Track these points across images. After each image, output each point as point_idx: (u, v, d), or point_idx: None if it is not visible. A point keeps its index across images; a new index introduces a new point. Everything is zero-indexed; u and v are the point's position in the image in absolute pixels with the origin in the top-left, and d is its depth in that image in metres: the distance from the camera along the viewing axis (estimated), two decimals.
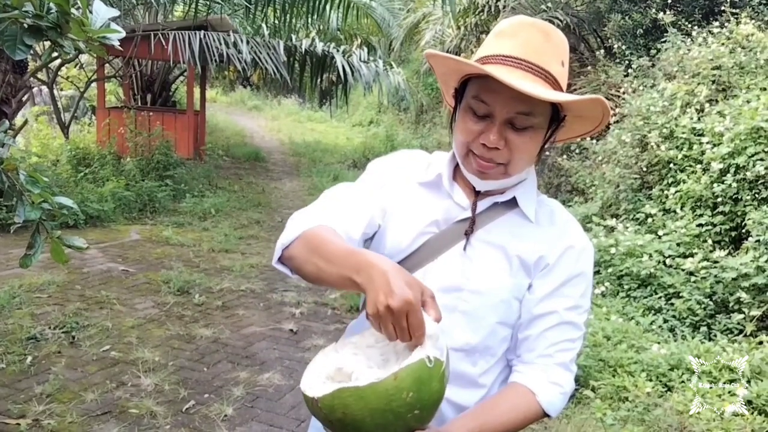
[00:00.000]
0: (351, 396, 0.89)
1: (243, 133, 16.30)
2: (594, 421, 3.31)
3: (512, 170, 1.16)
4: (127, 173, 8.43)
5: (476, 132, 1.14)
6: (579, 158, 7.46)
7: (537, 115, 1.12)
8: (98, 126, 10.10)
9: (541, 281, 1.20)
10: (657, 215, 5.73)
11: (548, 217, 1.25)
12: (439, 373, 0.93)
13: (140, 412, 3.19)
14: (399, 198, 1.27)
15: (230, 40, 8.69)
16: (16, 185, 1.86)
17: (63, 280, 5.05)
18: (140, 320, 4.42)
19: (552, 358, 1.19)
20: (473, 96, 1.14)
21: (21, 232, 6.21)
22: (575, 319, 1.21)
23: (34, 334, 3.94)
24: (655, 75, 6.89)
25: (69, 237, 1.96)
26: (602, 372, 3.78)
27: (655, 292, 4.93)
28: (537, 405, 1.17)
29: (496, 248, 1.21)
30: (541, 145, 1.17)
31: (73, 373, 3.54)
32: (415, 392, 0.90)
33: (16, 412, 3.08)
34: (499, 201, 1.23)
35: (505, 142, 1.12)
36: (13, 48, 1.33)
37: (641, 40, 8.01)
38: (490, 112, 1.12)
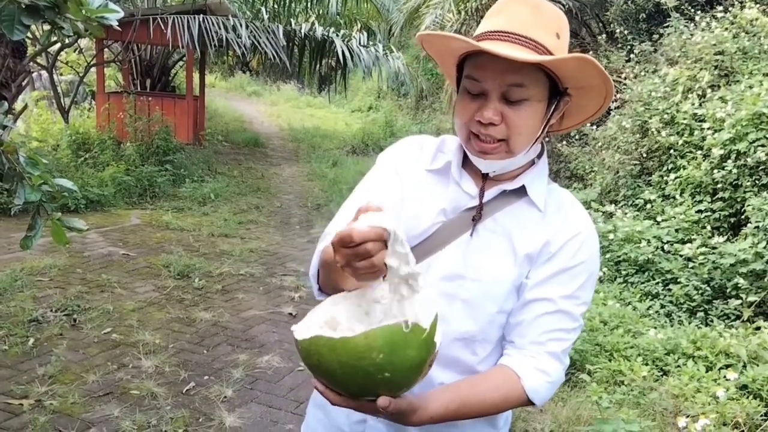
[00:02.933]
0: (324, 346, 0.90)
1: (242, 119, 16.25)
2: (590, 404, 3.33)
3: (514, 147, 1.13)
4: (127, 158, 8.44)
5: (472, 111, 1.12)
6: (578, 144, 7.45)
7: (530, 86, 1.09)
8: (98, 111, 10.08)
9: (541, 267, 1.18)
10: (656, 201, 5.74)
11: (557, 205, 1.22)
12: (418, 340, 0.92)
13: (141, 393, 3.23)
14: (410, 186, 1.25)
15: (229, 24, 8.66)
16: (16, 167, 1.87)
17: (64, 264, 5.07)
18: (141, 303, 4.45)
19: (543, 346, 1.16)
20: (466, 75, 1.13)
21: (22, 216, 6.31)
22: (571, 309, 1.17)
23: (36, 317, 3.98)
24: (657, 60, 6.86)
25: (69, 219, 1.97)
26: (598, 356, 3.80)
27: (652, 277, 4.95)
28: (521, 390, 1.15)
29: (502, 237, 1.19)
30: (543, 121, 1.13)
31: (74, 355, 3.58)
32: (386, 354, 0.89)
33: (19, 392, 3.12)
34: (508, 189, 1.20)
35: (501, 118, 1.10)
36: (10, 28, 1.32)
37: (644, 25, 7.96)
38: (483, 90, 1.10)
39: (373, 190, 1.26)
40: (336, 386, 0.95)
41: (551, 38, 1.11)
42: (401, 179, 1.26)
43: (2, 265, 4.90)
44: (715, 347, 3.82)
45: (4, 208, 6.38)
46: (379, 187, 1.26)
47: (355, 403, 0.97)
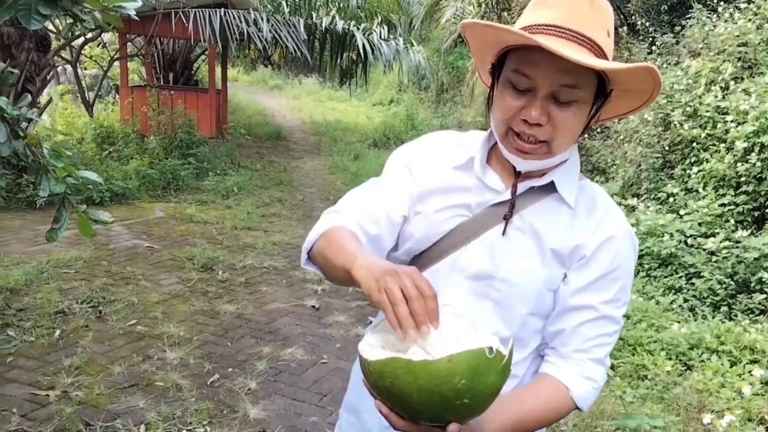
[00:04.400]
0: (402, 368, 0.86)
1: (264, 113, 16.33)
2: (613, 398, 3.33)
3: (555, 149, 1.08)
4: (150, 151, 8.53)
5: (516, 108, 1.06)
6: (600, 137, 7.39)
7: (582, 87, 1.03)
8: (122, 105, 10.21)
9: (578, 273, 1.14)
10: (679, 195, 5.68)
11: (588, 203, 1.17)
12: (498, 366, 0.89)
13: (166, 384, 3.28)
14: (429, 182, 1.21)
15: (250, 18, 8.69)
16: (40, 160, 1.90)
17: (89, 256, 5.16)
18: (165, 296, 4.52)
19: (587, 353, 1.15)
20: (513, 69, 1.06)
21: (48, 209, 6.44)
22: (613, 313, 1.15)
23: (62, 309, 4.06)
24: (680, 52, 6.78)
25: (95, 211, 2.00)
26: (622, 350, 3.80)
27: (675, 271, 4.92)
28: (570, 400, 1.14)
29: (531, 236, 1.15)
30: (586, 122, 1.09)
31: (100, 347, 3.65)
32: (468, 380, 0.85)
33: (46, 383, 3.18)
34: (537, 185, 1.15)
35: (548, 118, 1.04)
36: (27, 17, 1.32)
37: (665, 17, 7.86)
38: (531, 86, 1.04)
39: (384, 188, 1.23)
40: (405, 410, 0.91)
41: (604, 36, 1.06)
42: (414, 177, 1.22)
43: (28, 257, 4.99)
44: (739, 342, 3.79)
45: (30, 201, 6.50)
46: (392, 185, 1.23)
47: (419, 428, 0.93)
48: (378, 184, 1.24)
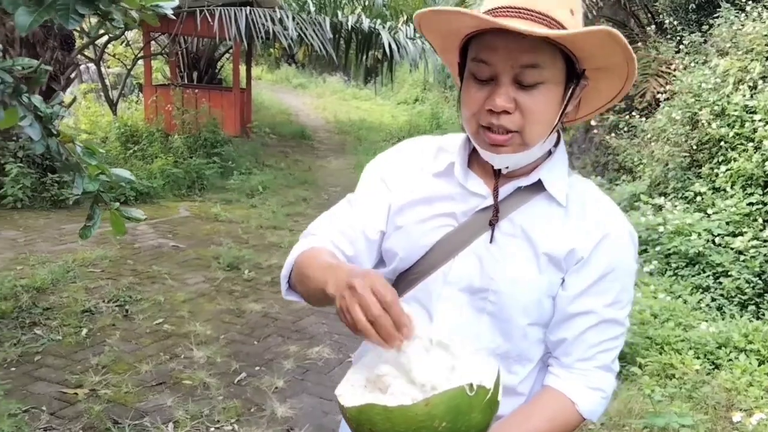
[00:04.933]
0: (378, 415, 0.83)
1: (288, 111, 16.41)
2: (641, 397, 3.31)
3: (529, 138, 1.01)
4: (175, 150, 8.61)
5: (481, 99, 1.00)
6: (627, 136, 7.32)
7: (546, 67, 0.97)
8: (145, 103, 10.29)
9: (576, 276, 1.08)
10: (706, 194, 5.63)
11: (580, 201, 1.10)
12: (482, 403, 0.84)
13: (194, 383, 3.31)
14: (407, 193, 1.15)
15: (276, 16, 8.71)
16: (73, 157, 1.92)
17: (115, 255, 5.22)
18: (191, 295, 4.56)
19: (592, 361, 1.09)
20: (473, 59, 1.01)
21: (72, 208, 6.52)
22: (616, 316, 1.09)
23: (88, 307, 4.11)
24: (707, 51, 6.69)
25: (127, 209, 2.02)
26: (649, 349, 3.78)
27: (703, 270, 4.88)
28: (577, 414, 1.08)
29: (522, 241, 1.08)
30: (560, 108, 1.02)
31: (127, 345, 3.69)
32: (449, 422, 0.81)
33: (74, 382, 3.22)
34: (523, 185, 1.09)
35: (515, 105, 0.98)
36: (66, 17, 1.33)
37: (693, 16, 7.74)
38: (493, 74, 0.98)
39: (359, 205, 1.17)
40: None
41: (566, 14, 1.00)
42: (391, 189, 1.16)
43: (54, 256, 5.06)
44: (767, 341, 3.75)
45: (54, 199, 6.58)
46: (366, 201, 1.17)
47: None
48: (352, 202, 1.19)
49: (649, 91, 7.20)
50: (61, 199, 6.57)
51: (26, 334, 3.69)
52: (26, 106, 1.79)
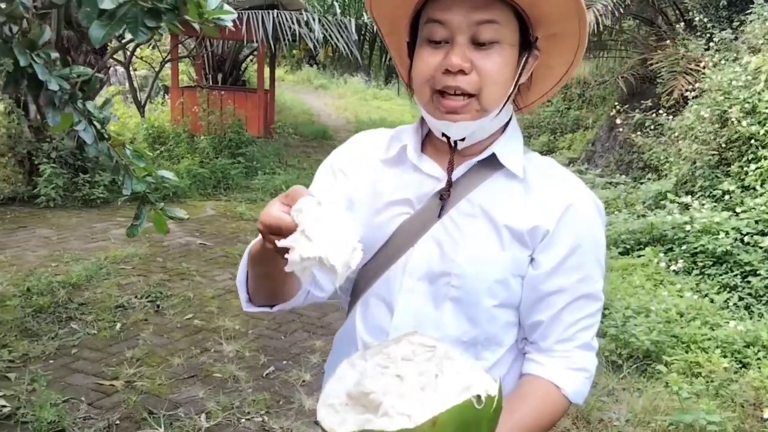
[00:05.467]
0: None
1: (310, 112, 16.51)
2: (667, 394, 3.30)
3: (487, 102, 0.97)
4: (201, 151, 8.76)
5: (436, 62, 0.97)
6: (653, 134, 7.27)
7: (502, 23, 0.95)
8: (172, 105, 10.47)
9: (545, 254, 1.02)
10: (735, 192, 5.56)
11: (540, 174, 1.06)
12: (489, 414, 0.77)
13: (224, 376, 3.38)
14: (361, 183, 1.11)
15: (302, 18, 8.80)
16: (122, 160, 2.00)
17: (145, 253, 5.33)
18: (219, 291, 4.64)
19: (572, 341, 1.04)
20: (426, 22, 0.98)
21: (104, 208, 6.68)
22: (591, 290, 1.04)
23: (121, 303, 4.21)
24: (739, 48, 6.61)
25: (171, 208, 2.10)
26: (675, 348, 3.77)
27: (730, 269, 4.83)
28: (564, 399, 1.03)
29: (482, 219, 1.03)
30: (515, 73, 0.99)
31: (159, 339, 3.78)
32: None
33: (110, 374, 3.31)
34: (477, 161, 1.05)
35: (471, 65, 0.95)
36: (135, 29, 1.40)
37: (724, 12, 7.66)
38: (448, 35, 0.96)
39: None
40: None
41: None
42: (346, 179, 1.12)
43: (87, 253, 5.19)
44: None
45: (87, 199, 6.76)
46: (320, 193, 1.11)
47: None
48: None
49: (676, 89, 7.15)
50: (92, 199, 6.75)
51: (63, 328, 3.80)
52: (80, 111, 1.89)
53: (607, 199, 6.75)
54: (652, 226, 5.45)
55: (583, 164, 9.12)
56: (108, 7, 1.35)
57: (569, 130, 11.00)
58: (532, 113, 11.95)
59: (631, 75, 8.62)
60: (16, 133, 6.76)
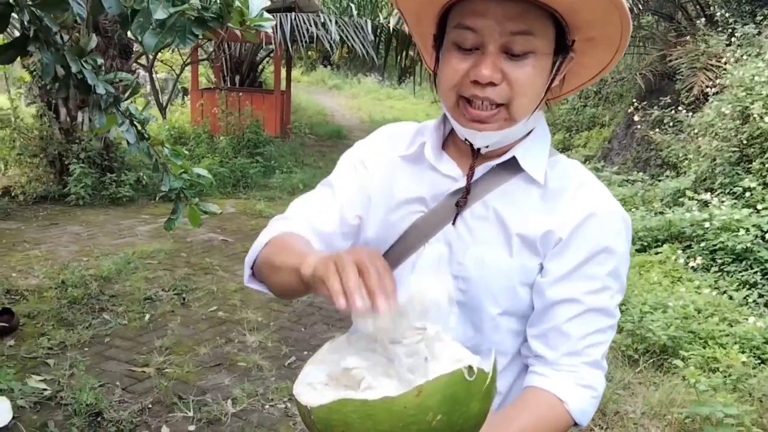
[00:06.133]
0: (356, 411, 0.67)
1: (325, 112, 16.65)
2: (683, 388, 3.30)
3: (516, 113, 0.93)
4: (220, 151, 8.92)
5: (464, 70, 0.91)
6: (672, 131, 7.23)
7: (538, 34, 0.89)
8: (192, 106, 10.64)
9: (555, 261, 0.98)
10: (756, 189, 5.48)
11: (561, 178, 1.01)
12: (481, 390, 0.71)
13: (248, 365, 3.48)
14: (379, 179, 1.08)
15: (319, 20, 8.90)
16: (161, 158, 2.12)
17: (170, 248, 5.47)
18: (241, 285, 4.67)
19: (580, 356, 0.97)
20: (455, 26, 0.92)
21: (129, 206, 6.83)
22: (604, 304, 0.98)
23: (149, 295, 4.34)
24: (762, 43, 6.54)
25: (204, 204, 2.22)
26: (692, 344, 3.74)
27: (750, 266, 4.78)
28: (567, 415, 0.96)
29: (494, 224, 1.00)
30: (548, 81, 0.94)
31: (186, 330, 3.89)
32: (445, 414, 0.67)
33: (141, 361, 3.44)
34: (496, 164, 1.01)
35: (502, 76, 0.90)
36: (183, 37, 1.50)
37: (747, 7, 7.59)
38: (478, 42, 0.89)
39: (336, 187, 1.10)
40: None
41: None
42: (369, 173, 1.10)
43: (115, 249, 5.33)
44: None
45: (114, 197, 6.95)
46: (343, 183, 1.10)
47: None
48: (329, 185, 1.12)
49: (696, 85, 7.07)
50: (118, 197, 6.96)
51: (96, 318, 3.94)
52: (123, 113, 2.02)
53: (624, 197, 6.72)
54: (670, 224, 5.42)
55: (599, 161, 9.09)
56: (161, 18, 1.44)
57: (585, 128, 10.94)
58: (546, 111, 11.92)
59: (649, 71, 8.57)
60: (47, 135, 7.00)
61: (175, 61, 12.75)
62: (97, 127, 1.95)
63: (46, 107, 6.99)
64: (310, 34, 8.87)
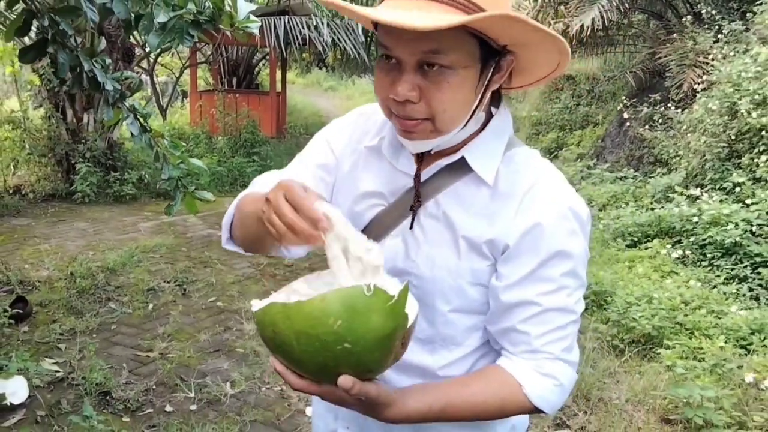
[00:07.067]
0: (279, 313, 0.80)
1: (320, 113, 16.83)
2: (667, 376, 3.31)
3: (442, 126, 0.92)
4: (218, 150, 9.09)
5: (388, 84, 0.91)
6: (662, 128, 7.30)
7: (450, 51, 0.86)
8: (191, 108, 10.78)
9: (507, 266, 0.97)
10: (746, 184, 5.50)
11: (512, 180, 0.99)
12: (382, 306, 0.79)
13: (245, 351, 3.62)
14: (345, 168, 1.10)
15: (312, 23, 9.03)
16: (161, 149, 2.27)
17: (171, 243, 5.64)
18: (239, 277, 4.88)
19: (539, 353, 0.97)
20: (378, 42, 0.92)
21: (131, 203, 6.96)
22: (561, 303, 0.97)
23: (152, 286, 4.51)
24: (749, 40, 6.58)
25: (200, 192, 2.37)
26: (678, 334, 3.74)
27: (740, 261, 4.75)
28: (523, 397, 0.96)
29: (443, 225, 1.00)
30: (479, 88, 0.92)
31: (187, 318, 4.04)
32: (344, 321, 0.77)
33: (145, 346, 3.61)
34: (446, 163, 1.00)
35: (420, 93, 0.89)
36: (181, 37, 1.70)
37: (734, 4, 7.66)
38: (397, 59, 0.90)
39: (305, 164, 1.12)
40: (295, 364, 0.83)
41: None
42: (334, 157, 1.11)
43: (120, 243, 5.52)
44: None
45: (117, 195, 7.17)
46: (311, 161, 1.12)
47: (318, 388, 0.85)
48: (299, 161, 1.14)
49: (686, 82, 7.09)
50: (122, 195, 7.19)
51: (103, 307, 4.12)
52: (128, 108, 2.21)
53: (615, 194, 6.77)
54: (660, 219, 5.46)
55: (592, 159, 9.16)
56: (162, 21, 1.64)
57: (578, 127, 10.96)
58: (540, 110, 11.99)
59: (640, 69, 8.63)
60: (55, 135, 7.24)
61: (174, 65, 12.89)
62: (106, 120, 2.12)
63: (54, 109, 7.20)
64: (303, 37, 8.99)
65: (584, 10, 7.62)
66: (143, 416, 2.90)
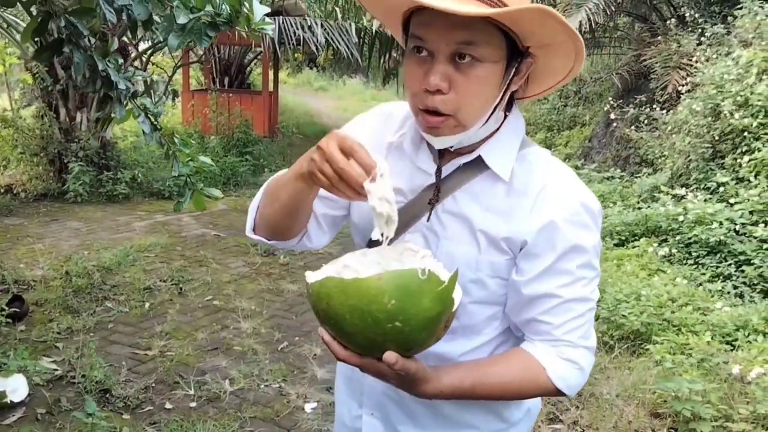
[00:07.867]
0: (335, 287, 0.85)
1: (311, 113, 16.86)
2: (656, 371, 3.39)
3: (465, 120, 0.97)
4: (211, 150, 9.10)
5: (420, 76, 0.95)
6: (648, 129, 7.42)
7: (482, 44, 0.92)
8: (184, 107, 10.79)
9: (525, 262, 1.03)
10: (729, 184, 5.59)
11: (526, 178, 1.04)
12: (433, 290, 0.85)
13: (243, 349, 3.68)
14: None
15: (306, 24, 9.08)
16: (171, 148, 2.33)
17: (166, 242, 5.67)
18: (235, 276, 4.93)
19: (561, 341, 1.04)
20: (411, 35, 0.97)
21: (124, 202, 6.99)
22: (579, 294, 1.03)
23: (148, 285, 4.54)
24: (731, 43, 6.71)
25: (208, 189, 2.42)
26: (666, 331, 3.81)
27: (725, 259, 4.82)
28: (547, 380, 1.03)
29: (462, 220, 1.05)
30: (501, 86, 0.97)
31: (184, 317, 4.09)
32: (397, 300, 0.82)
33: (143, 345, 3.65)
34: (464, 162, 1.05)
35: (450, 85, 0.93)
36: (199, 38, 1.78)
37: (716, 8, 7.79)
38: (430, 50, 0.94)
39: None
40: (344, 337, 0.89)
41: None
42: None
43: (114, 243, 5.53)
44: None
45: (110, 195, 7.17)
46: None
47: (360, 360, 0.91)
48: None
49: (670, 83, 7.18)
50: (115, 194, 7.19)
51: (99, 306, 4.15)
52: (139, 106, 2.28)
53: (603, 194, 6.85)
54: (647, 218, 5.53)
55: (579, 160, 9.26)
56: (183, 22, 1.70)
57: (566, 127, 11.06)
58: (528, 111, 12.08)
59: (625, 71, 8.73)
60: (47, 134, 7.22)
61: (166, 64, 12.86)
62: (118, 118, 2.17)
63: (47, 108, 7.18)
64: (297, 37, 9.04)
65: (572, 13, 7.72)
66: (143, 413, 2.95)
